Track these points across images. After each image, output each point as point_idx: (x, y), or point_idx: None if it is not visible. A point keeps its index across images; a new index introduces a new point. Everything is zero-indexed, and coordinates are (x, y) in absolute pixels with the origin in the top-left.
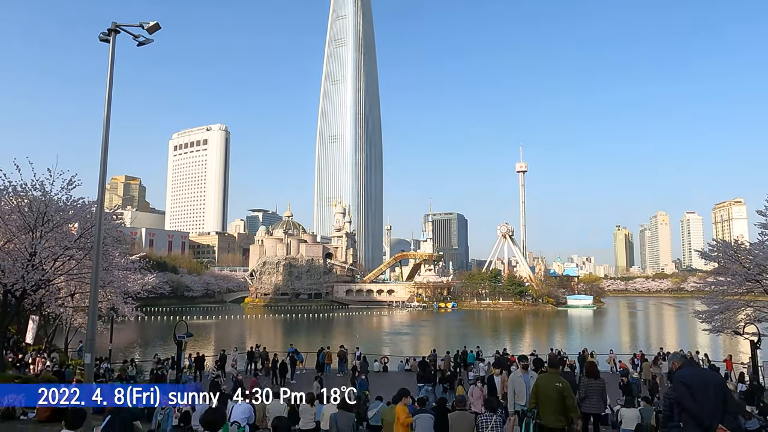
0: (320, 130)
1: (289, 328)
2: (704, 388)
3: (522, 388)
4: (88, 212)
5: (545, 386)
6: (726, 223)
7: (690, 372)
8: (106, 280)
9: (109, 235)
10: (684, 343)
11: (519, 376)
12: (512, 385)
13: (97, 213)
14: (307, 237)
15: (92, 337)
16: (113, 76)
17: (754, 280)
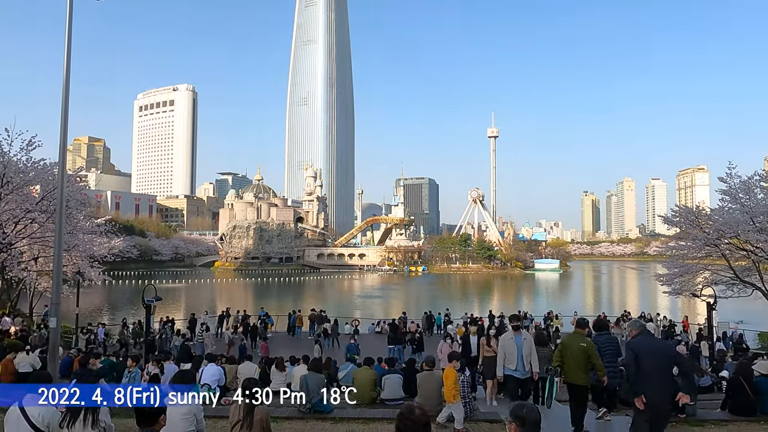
0: (291, 92)
1: (260, 291)
2: (653, 357)
3: (513, 350)
4: (50, 174)
5: (571, 345)
6: (689, 189)
7: (641, 341)
8: (71, 243)
9: (73, 197)
10: (645, 304)
11: (510, 337)
12: (502, 348)
13: (59, 175)
14: (277, 201)
15: (57, 301)
16: (72, 32)
17: (713, 244)
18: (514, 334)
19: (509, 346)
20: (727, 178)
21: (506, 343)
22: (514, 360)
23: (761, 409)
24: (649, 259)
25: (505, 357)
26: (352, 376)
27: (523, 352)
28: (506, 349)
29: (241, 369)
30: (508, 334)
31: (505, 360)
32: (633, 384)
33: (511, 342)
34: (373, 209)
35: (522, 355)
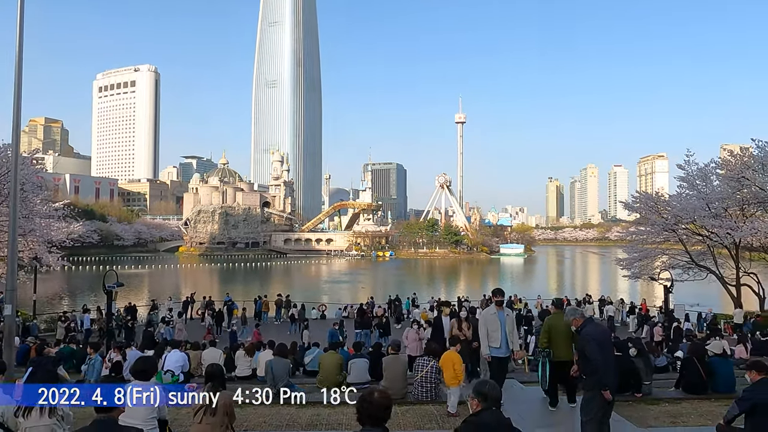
0: (257, 74)
1: (226, 277)
2: (607, 344)
3: (497, 326)
4: (3, 156)
5: (556, 325)
6: (649, 176)
7: (595, 329)
8: (27, 228)
9: (28, 180)
10: (605, 288)
11: (492, 313)
12: (484, 324)
13: (12, 156)
14: (243, 185)
15: (12, 287)
16: (24, 8)
17: (670, 229)
18: (497, 309)
19: (492, 322)
20: (685, 165)
21: (489, 319)
22: (498, 337)
23: (713, 388)
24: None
25: (488, 334)
26: (318, 361)
27: (506, 328)
28: (489, 325)
29: (205, 355)
30: (490, 309)
31: (489, 338)
32: (601, 375)
33: (494, 318)
34: (340, 194)
35: (505, 332)
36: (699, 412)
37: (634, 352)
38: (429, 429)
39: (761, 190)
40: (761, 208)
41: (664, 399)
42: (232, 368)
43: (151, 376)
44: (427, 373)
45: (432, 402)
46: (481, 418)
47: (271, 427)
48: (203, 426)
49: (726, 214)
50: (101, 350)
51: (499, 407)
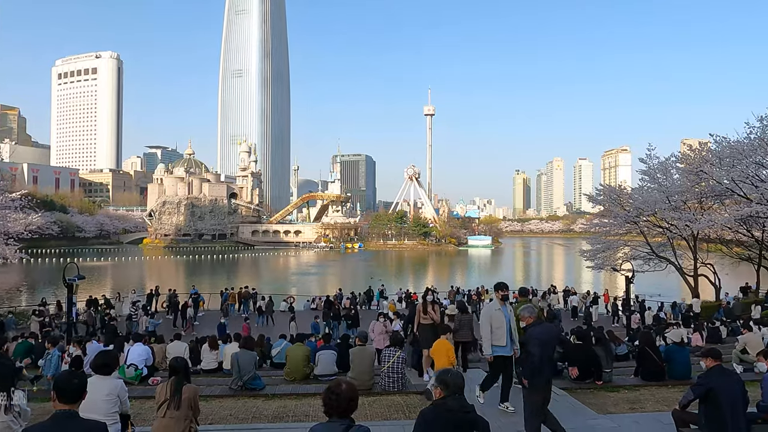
0: (224, 64)
1: (192, 269)
2: (549, 343)
3: (502, 323)
4: None
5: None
6: (613, 169)
7: (542, 330)
8: None
9: None
10: (570, 279)
11: (497, 309)
12: (488, 321)
13: None
14: (210, 176)
15: None
16: None
17: (632, 221)
18: (501, 305)
19: (497, 318)
20: (647, 159)
21: (494, 315)
22: (503, 335)
23: (670, 374)
24: (575, 235)
25: (492, 332)
26: (285, 353)
27: (510, 325)
28: (494, 322)
29: (170, 348)
30: (494, 304)
31: (493, 336)
32: (536, 374)
33: (499, 314)
34: (309, 186)
35: (510, 329)
36: (656, 398)
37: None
38: (396, 419)
39: (718, 183)
40: (718, 201)
41: (623, 386)
42: (198, 361)
43: (112, 371)
44: (394, 364)
45: (399, 392)
46: (446, 404)
47: (237, 420)
48: (167, 420)
49: (685, 206)
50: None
51: (462, 394)
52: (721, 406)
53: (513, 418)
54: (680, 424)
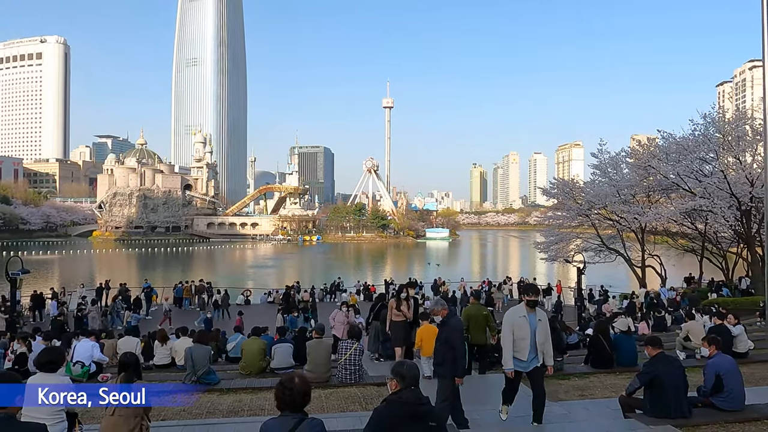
0: (177, 51)
1: (144, 262)
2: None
3: (526, 333)
4: None
5: (475, 314)
6: (566, 163)
7: (458, 321)
8: None
9: None
10: (525, 270)
11: (522, 315)
12: (510, 329)
13: None
14: (163, 167)
15: None
16: None
17: (584, 214)
18: (528, 312)
19: (521, 328)
20: (598, 153)
21: (517, 323)
22: (526, 347)
23: (618, 362)
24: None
25: (514, 342)
26: (240, 347)
27: (537, 338)
28: (517, 332)
29: (121, 344)
30: (518, 310)
31: (515, 347)
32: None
33: (523, 322)
34: (266, 177)
35: (536, 342)
36: (605, 385)
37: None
38: (352, 411)
39: (665, 178)
40: (664, 195)
41: (574, 374)
42: (151, 357)
43: (58, 368)
44: (351, 356)
45: (356, 384)
46: (401, 397)
47: (191, 415)
48: (116, 418)
49: (634, 200)
50: (2, 341)
51: (417, 386)
52: (665, 392)
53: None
54: (627, 409)
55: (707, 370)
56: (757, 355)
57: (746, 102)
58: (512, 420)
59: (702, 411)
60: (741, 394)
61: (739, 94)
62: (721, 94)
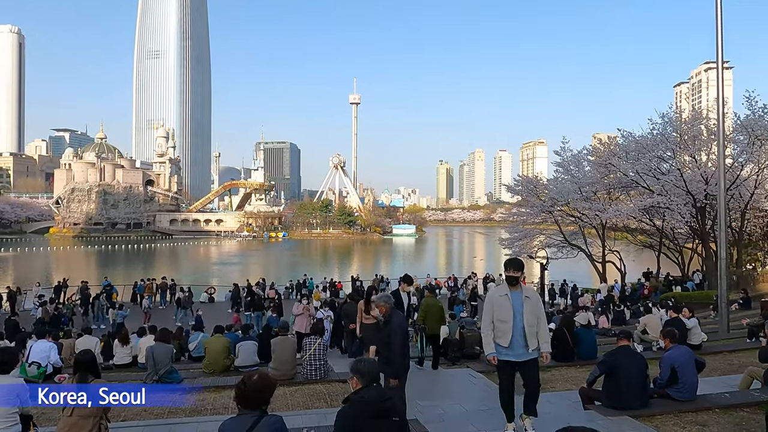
0: (138, 43)
1: (104, 260)
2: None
3: (507, 314)
4: None
5: (432, 305)
6: (531, 161)
7: (403, 320)
8: None
9: None
10: (490, 266)
11: (502, 294)
12: (489, 310)
13: None
14: (124, 162)
15: None
16: None
17: (548, 211)
18: (510, 289)
19: (502, 308)
20: (561, 151)
21: (497, 303)
22: (508, 331)
23: (579, 355)
24: (495, 224)
25: (493, 326)
26: (203, 346)
27: (524, 320)
28: (497, 312)
29: (79, 343)
30: (499, 289)
31: (495, 331)
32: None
33: (504, 302)
34: (231, 173)
35: (523, 324)
36: (566, 378)
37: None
38: (318, 408)
39: (625, 175)
40: (624, 192)
41: None
42: (111, 356)
43: (11, 369)
44: (315, 352)
45: (321, 381)
46: (362, 397)
47: (153, 415)
48: (74, 419)
49: (595, 197)
50: None
51: (378, 383)
52: (620, 383)
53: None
54: (586, 401)
55: (663, 362)
56: (710, 347)
57: (702, 102)
58: (474, 414)
59: (657, 401)
60: (694, 384)
61: (696, 95)
62: (679, 94)
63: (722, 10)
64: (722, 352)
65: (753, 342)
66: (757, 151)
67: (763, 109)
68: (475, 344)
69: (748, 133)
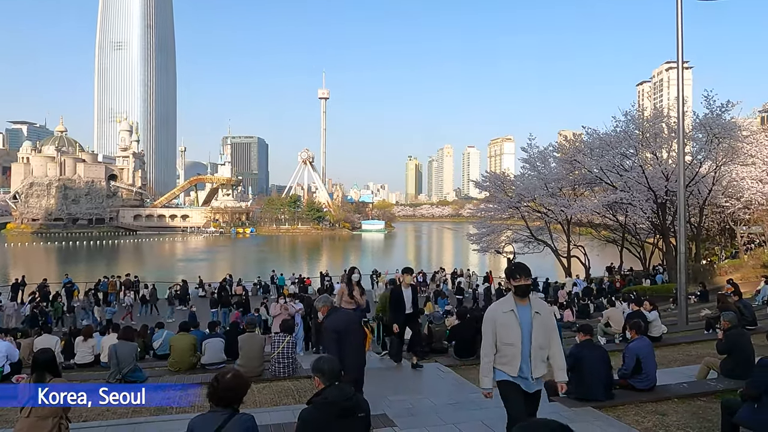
0: (100, 34)
1: (65, 257)
2: (350, 335)
3: (514, 336)
4: None
5: (387, 295)
6: (498, 157)
7: (338, 319)
8: None
9: None
10: (458, 261)
11: (507, 310)
12: (491, 329)
13: None
14: (86, 156)
15: None
16: None
17: (514, 207)
18: (517, 303)
19: (507, 328)
20: (528, 148)
21: (501, 322)
22: (516, 357)
23: None
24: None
25: (495, 349)
26: (169, 343)
27: (532, 339)
28: (501, 333)
29: (38, 342)
30: (504, 302)
31: (497, 356)
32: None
33: (509, 320)
34: (197, 168)
35: (531, 345)
36: None
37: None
38: (286, 404)
39: (589, 172)
40: (589, 188)
41: None
42: (72, 355)
43: None
44: (284, 349)
45: (289, 378)
46: (326, 397)
47: (116, 415)
48: (31, 419)
49: (561, 193)
50: None
51: (340, 380)
52: (585, 375)
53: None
54: (551, 392)
55: (628, 353)
56: (670, 339)
57: (663, 101)
58: (442, 407)
59: (620, 392)
60: (654, 374)
61: (657, 94)
62: (641, 93)
63: (683, 14)
64: (681, 344)
65: (710, 333)
66: (715, 149)
67: (721, 108)
68: (442, 339)
69: (707, 131)
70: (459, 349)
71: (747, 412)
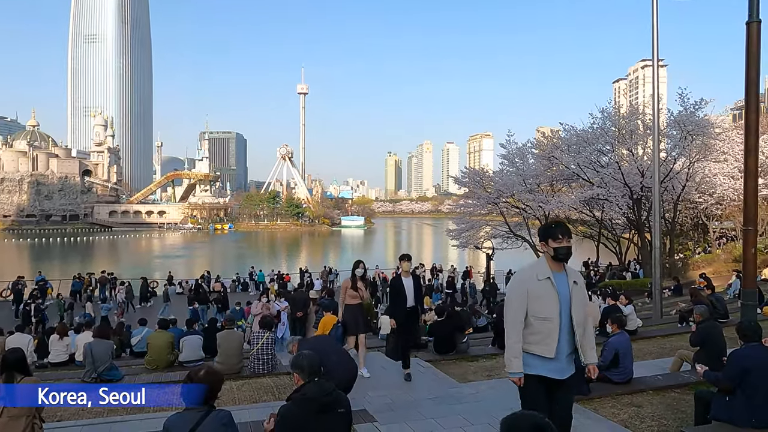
0: (74, 26)
1: (38, 254)
2: (328, 354)
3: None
4: None
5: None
6: (477, 153)
7: (309, 355)
8: None
9: None
10: (438, 257)
11: (543, 278)
12: (519, 300)
13: None
14: (59, 151)
15: None
16: None
17: (493, 203)
18: (553, 270)
19: (542, 299)
20: (506, 144)
21: (534, 292)
22: (553, 335)
23: None
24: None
25: (531, 323)
26: (146, 341)
27: (572, 314)
28: (534, 306)
29: (10, 341)
30: (536, 268)
31: (526, 333)
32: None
33: (545, 289)
34: (174, 163)
35: (573, 321)
36: None
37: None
38: (265, 401)
39: (566, 168)
40: (566, 184)
41: (482, 355)
42: (46, 354)
43: None
44: (263, 346)
45: (269, 374)
46: (305, 393)
47: (91, 414)
48: (3, 420)
49: (539, 189)
50: None
51: (320, 376)
52: None
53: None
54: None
55: (608, 347)
56: (645, 332)
57: (639, 98)
58: (422, 402)
59: (596, 385)
60: (631, 368)
61: (633, 91)
62: (617, 90)
63: (658, 13)
64: (656, 337)
65: (683, 327)
66: (689, 146)
67: (695, 105)
68: (422, 334)
69: (681, 128)
70: (438, 344)
71: (720, 405)
